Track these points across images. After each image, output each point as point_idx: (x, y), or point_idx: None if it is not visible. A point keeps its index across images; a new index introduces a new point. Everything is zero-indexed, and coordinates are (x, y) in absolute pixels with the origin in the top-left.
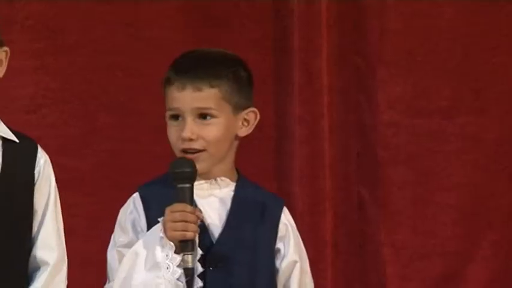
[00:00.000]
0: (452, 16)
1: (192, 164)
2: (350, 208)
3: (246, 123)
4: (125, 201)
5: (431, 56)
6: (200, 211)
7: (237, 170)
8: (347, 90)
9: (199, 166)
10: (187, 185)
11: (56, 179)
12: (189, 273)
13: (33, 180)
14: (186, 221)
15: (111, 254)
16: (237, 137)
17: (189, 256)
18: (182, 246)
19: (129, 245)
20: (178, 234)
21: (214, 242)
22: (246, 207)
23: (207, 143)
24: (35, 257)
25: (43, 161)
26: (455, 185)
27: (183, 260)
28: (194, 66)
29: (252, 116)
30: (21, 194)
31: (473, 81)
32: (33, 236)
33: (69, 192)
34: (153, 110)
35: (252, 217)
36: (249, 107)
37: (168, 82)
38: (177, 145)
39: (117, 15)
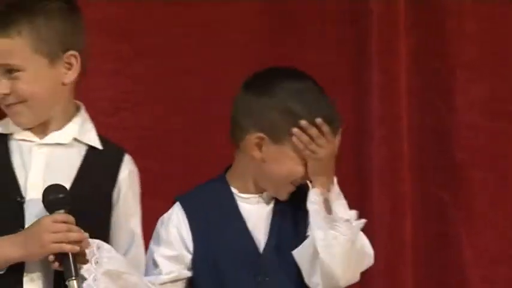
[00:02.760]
0: None
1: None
2: (430, 210)
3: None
4: None
5: (510, 58)
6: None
7: None
8: (426, 92)
9: None
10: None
11: None
12: None
13: (112, 191)
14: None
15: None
16: None
17: (74, 282)
18: (67, 264)
19: (174, 259)
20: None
21: (261, 251)
22: (287, 212)
23: None
24: None
25: (126, 173)
26: None
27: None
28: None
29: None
30: (98, 203)
31: None
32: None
33: (146, 195)
34: (228, 114)
35: (294, 219)
36: None
37: None
38: None
39: (194, 17)
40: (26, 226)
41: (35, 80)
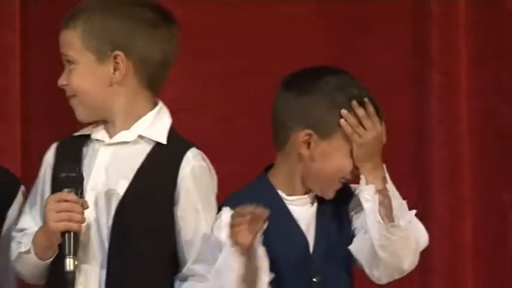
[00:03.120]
0: None
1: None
2: (491, 212)
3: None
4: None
5: None
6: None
7: None
8: (486, 93)
9: None
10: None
11: None
12: (70, 277)
13: (172, 187)
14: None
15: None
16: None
17: (71, 260)
18: (65, 242)
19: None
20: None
21: (311, 251)
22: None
23: None
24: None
25: (189, 169)
26: None
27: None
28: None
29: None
30: (157, 208)
31: None
32: (177, 247)
33: None
34: None
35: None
36: None
37: None
38: None
39: (256, 18)
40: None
41: (84, 75)
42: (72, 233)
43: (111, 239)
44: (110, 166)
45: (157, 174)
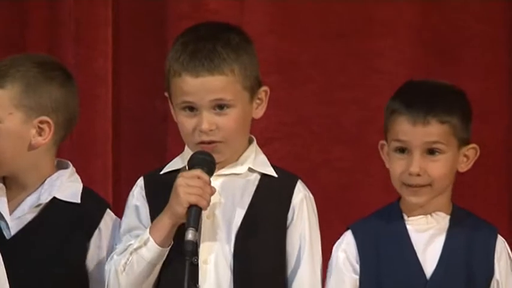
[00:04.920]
0: None
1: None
2: None
3: (465, 159)
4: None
5: None
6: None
7: (453, 202)
8: None
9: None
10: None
11: None
12: (189, 247)
13: (286, 215)
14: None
15: None
16: (457, 172)
17: (191, 231)
18: (190, 215)
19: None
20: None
21: (428, 278)
22: (459, 241)
23: (432, 179)
24: None
25: (299, 199)
26: None
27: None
28: (428, 102)
29: (472, 152)
30: (273, 232)
31: None
32: (288, 275)
33: None
34: None
35: (465, 250)
36: (469, 142)
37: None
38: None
39: (349, 48)
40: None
41: (241, 117)
42: (198, 209)
43: (235, 266)
44: (222, 196)
45: (271, 201)
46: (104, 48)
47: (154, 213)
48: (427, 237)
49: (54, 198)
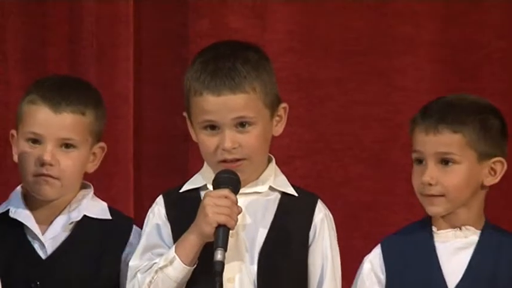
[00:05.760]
0: None
1: None
2: None
3: (492, 172)
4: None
5: None
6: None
7: (486, 219)
8: None
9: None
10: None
11: None
12: (218, 267)
13: (308, 233)
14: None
15: None
16: (483, 185)
17: (220, 251)
18: (219, 235)
19: None
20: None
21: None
22: (486, 256)
23: (446, 191)
24: None
25: (320, 218)
26: None
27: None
28: (441, 111)
29: (499, 166)
30: (295, 250)
31: None
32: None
33: None
34: (407, 162)
35: (492, 266)
36: (497, 156)
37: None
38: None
39: (369, 66)
40: None
41: (262, 134)
42: (226, 229)
43: (259, 285)
44: (245, 215)
45: (292, 220)
46: (126, 67)
47: (177, 231)
48: (453, 249)
49: (85, 216)
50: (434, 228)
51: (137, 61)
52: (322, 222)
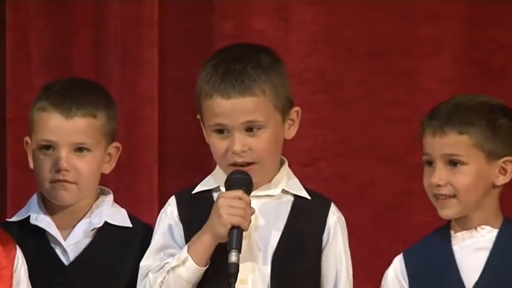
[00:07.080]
0: None
1: None
2: None
3: (503, 172)
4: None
5: None
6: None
7: (504, 217)
8: None
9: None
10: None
11: None
12: (233, 269)
13: (321, 237)
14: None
15: None
16: (495, 185)
17: (234, 253)
18: (233, 237)
19: None
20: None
21: None
22: (505, 255)
23: (457, 191)
24: None
25: (334, 221)
26: None
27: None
28: (448, 113)
29: (509, 165)
30: (309, 253)
31: None
32: None
33: None
34: None
35: (510, 265)
36: (507, 155)
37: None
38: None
39: (393, 67)
40: None
41: (273, 138)
42: (240, 230)
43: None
44: (258, 217)
45: (306, 223)
46: (150, 69)
47: (189, 232)
48: (470, 250)
49: (106, 222)
50: (452, 232)
51: (162, 63)
52: (336, 225)
